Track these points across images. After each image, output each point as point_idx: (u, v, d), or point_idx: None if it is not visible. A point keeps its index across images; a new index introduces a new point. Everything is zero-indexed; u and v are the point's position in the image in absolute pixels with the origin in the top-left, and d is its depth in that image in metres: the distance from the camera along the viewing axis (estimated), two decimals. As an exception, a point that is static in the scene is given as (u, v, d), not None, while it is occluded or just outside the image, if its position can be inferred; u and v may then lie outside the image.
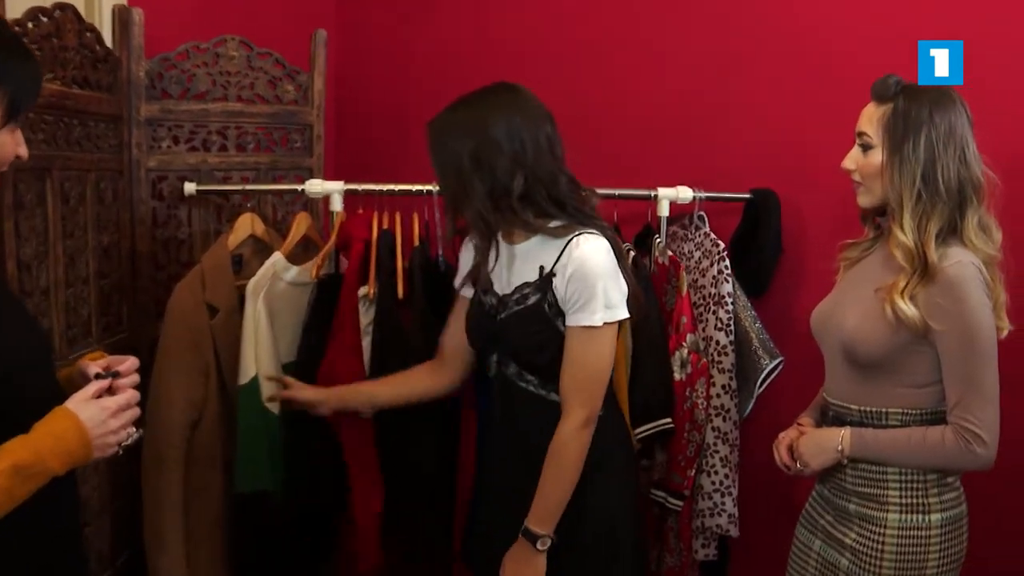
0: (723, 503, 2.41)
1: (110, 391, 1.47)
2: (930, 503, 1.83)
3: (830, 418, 1.96)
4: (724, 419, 2.42)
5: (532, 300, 1.90)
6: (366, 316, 2.32)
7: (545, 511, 1.87)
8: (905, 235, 1.79)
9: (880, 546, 1.83)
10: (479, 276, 2.03)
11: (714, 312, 2.44)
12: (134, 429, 1.48)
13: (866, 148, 1.87)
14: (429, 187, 2.46)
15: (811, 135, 2.56)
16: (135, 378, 1.52)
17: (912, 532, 1.82)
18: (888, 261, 1.88)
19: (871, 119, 1.86)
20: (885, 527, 1.84)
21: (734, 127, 2.68)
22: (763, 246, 2.58)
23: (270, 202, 2.70)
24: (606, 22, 2.83)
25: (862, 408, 1.88)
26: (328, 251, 2.36)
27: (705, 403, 2.41)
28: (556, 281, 1.87)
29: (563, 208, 1.88)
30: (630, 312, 1.90)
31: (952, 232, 1.82)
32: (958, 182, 1.79)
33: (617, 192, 2.51)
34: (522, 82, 2.89)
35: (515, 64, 2.92)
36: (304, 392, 2.17)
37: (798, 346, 2.53)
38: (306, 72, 2.75)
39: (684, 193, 2.55)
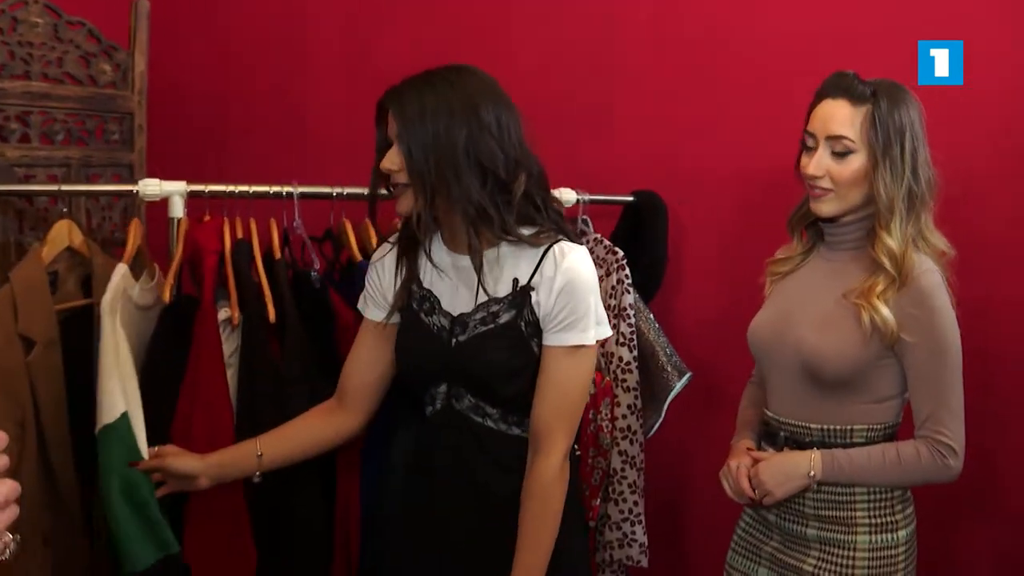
0: (633, 532, 2.22)
1: None
2: (897, 520, 1.77)
3: (782, 439, 1.83)
4: (631, 442, 2.23)
5: (505, 318, 1.63)
6: (227, 344, 1.92)
7: (534, 567, 1.60)
8: (894, 240, 1.72)
9: (850, 571, 1.73)
10: (412, 295, 1.72)
11: (615, 326, 2.24)
12: (10, 536, 1.03)
13: (844, 153, 1.74)
14: (288, 188, 2.11)
15: (692, 140, 2.46)
16: (3, 461, 1.06)
17: (883, 552, 1.74)
18: (842, 268, 1.80)
19: (851, 122, 1.73)
20: (854, 550, 1.75)
21: (612, 128, 2.51)
22: (651, 250, 2.42)
23: (83, 206, 2.22)
24: (475, 10, 2.56)
25: (825, 427, 1.77)
26: (177, 267, 1.94)
27: (610, 425, 2.21)
28: (537, 296, 1.62)
29: (546, 212, 1.65)
30: None
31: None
32: (931, 183, 1.75)
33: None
34: (371, 71, 2.62)
35: (360, 51, 2.60)
36: (178, 460, 1.72)
37: (685, 357, 2.41)
38: (125, 49, 2.30)
39: (567, 195, 2.34)
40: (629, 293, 2.26)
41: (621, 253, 2.28)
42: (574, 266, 1.61)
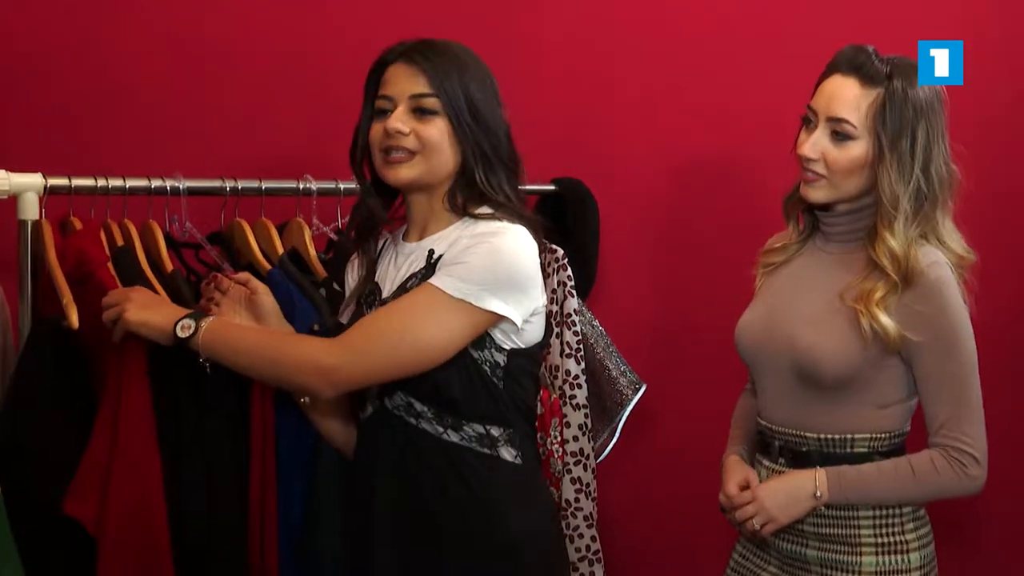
0: (592, 573, 1.97)
1: None
2: (907, 541, 1.62)
3: (777, 449, 1.67)
4: (584, 467, 1.97)
5: None
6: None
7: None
8: (897, 241, 1.57)
9: None
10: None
11: (558, 335, 1.98)
12: None
13: (844, 138, 1.58)
14: (174, 182, 1.76)
15: (611, 123, 2.33)
16: None
17: None
18: (839, 262, 1.65)
19: (856, 105, 1.58)
20: (859, 573, 1.60)
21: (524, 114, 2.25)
22: (580, 245, 2.18)
23: None
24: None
25: (822, 436, 1.62)
26: (66, 284, 1.56)
27: (560, 450, 1.95)
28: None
29: (508, 199, 1.54)
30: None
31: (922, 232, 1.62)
32: (946, 180, 1.61)
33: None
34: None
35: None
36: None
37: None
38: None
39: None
40: (573, 297, 2.00)
41: (561, 252, 2.02)
42: (488, 230, 1.48)
